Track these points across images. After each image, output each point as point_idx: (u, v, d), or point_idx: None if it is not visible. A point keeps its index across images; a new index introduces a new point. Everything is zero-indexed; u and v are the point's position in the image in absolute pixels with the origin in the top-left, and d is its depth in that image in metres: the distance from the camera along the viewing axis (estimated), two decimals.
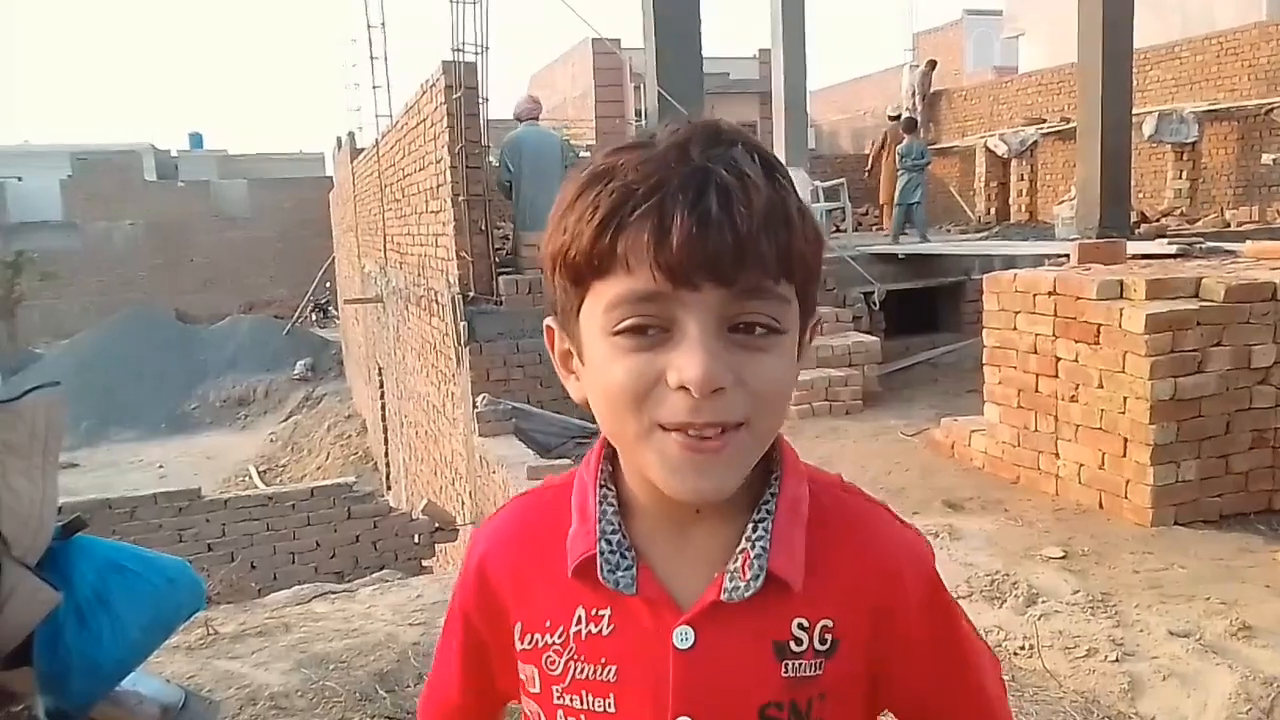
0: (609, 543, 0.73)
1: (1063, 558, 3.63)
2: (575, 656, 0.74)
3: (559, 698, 0.75)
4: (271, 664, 2.99)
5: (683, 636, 0.71)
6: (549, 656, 0.75)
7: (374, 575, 4.63)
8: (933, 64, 17.45)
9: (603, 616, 0.73)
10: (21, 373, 19.51)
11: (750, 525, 0.72)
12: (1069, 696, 2.70)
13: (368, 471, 14.88)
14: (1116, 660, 2.81)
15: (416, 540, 7.30)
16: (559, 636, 0.74)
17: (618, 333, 0.65)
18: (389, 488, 13.14)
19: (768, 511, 0.72)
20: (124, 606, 1.79)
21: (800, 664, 0.72)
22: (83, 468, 17.06)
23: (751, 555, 0.71)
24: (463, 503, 7.92)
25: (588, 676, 0.74)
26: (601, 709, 0.73)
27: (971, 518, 4.23)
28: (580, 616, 0.74)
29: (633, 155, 0.67)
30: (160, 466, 17.91)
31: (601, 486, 0.75)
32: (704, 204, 0.63)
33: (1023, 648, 2.96)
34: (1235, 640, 2.86)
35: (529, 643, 0.76)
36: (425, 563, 7.35)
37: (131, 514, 6.76)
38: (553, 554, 0.75)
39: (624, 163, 0.66)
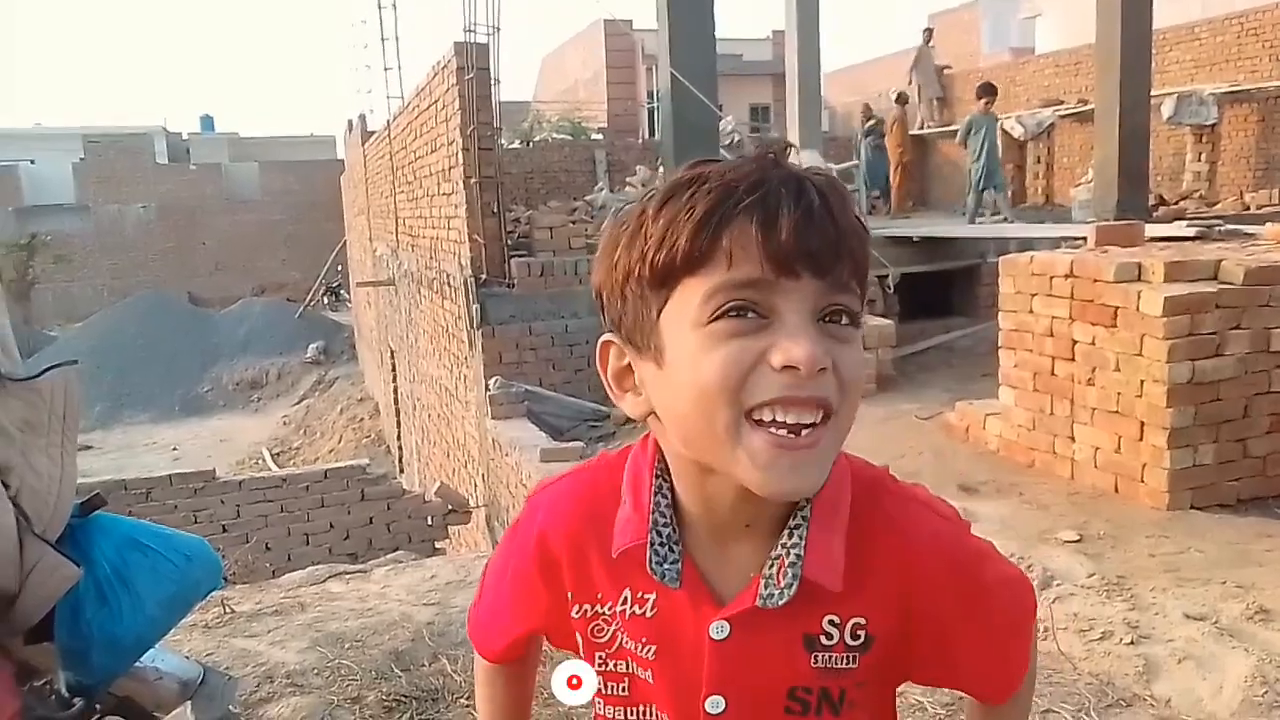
0: (659, 534, 0.76)
1: (1078, 541, 3.61)
2: (621, 629, 0.80)
3: (601, 664, 0.82)
4: (288, 642, 3.01)
5: (719, 629, 0.75)
6: (597, 625, 0.81)
7: (388, 556, 4.65)
8: (929, 33, 16.69)
9: (647, 600, 0.78)
10: (36, 355, 19.65)
11: (786, 532, 0.74)
12: (1084, 679, 2.69)
13: (380, 454, 14.95)
14: (1132, 643, 2.80)
15: (430, 523, 7.34)
16: (608, 609, 0.80)
17: (717, 318, 0.68)
18: (401, 471, 13.20)
19: (803, 518, 0.74)
20: (143, 583, 1.80)
21: (830, 656, 0.76)
22: (97, 450, 17.21)
23: (787, 563, 0.74)
24: (475, 486, 7.95)
25: (633, 649, 0.80)
26: (643, 676, 0.80)
27: (986, 501, 4.22)
28: (626, 597, 0.79)
29: (719, 165, 0.71)
30: (174, 449, 18.04)
31: (657, 478, 0.78)
32: (807, 199, 0.68)
33: (1037, 630, 2.95)
34: (1252, 624, 2.85)
35: (578, 612, 0.82)
36: (438, 545, 7.39)
37: (147, 495, 6.82)
38: (601, 534, 0.80)
39: (715, 170, 0.70)
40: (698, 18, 8.55)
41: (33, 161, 29.92)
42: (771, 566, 0.74)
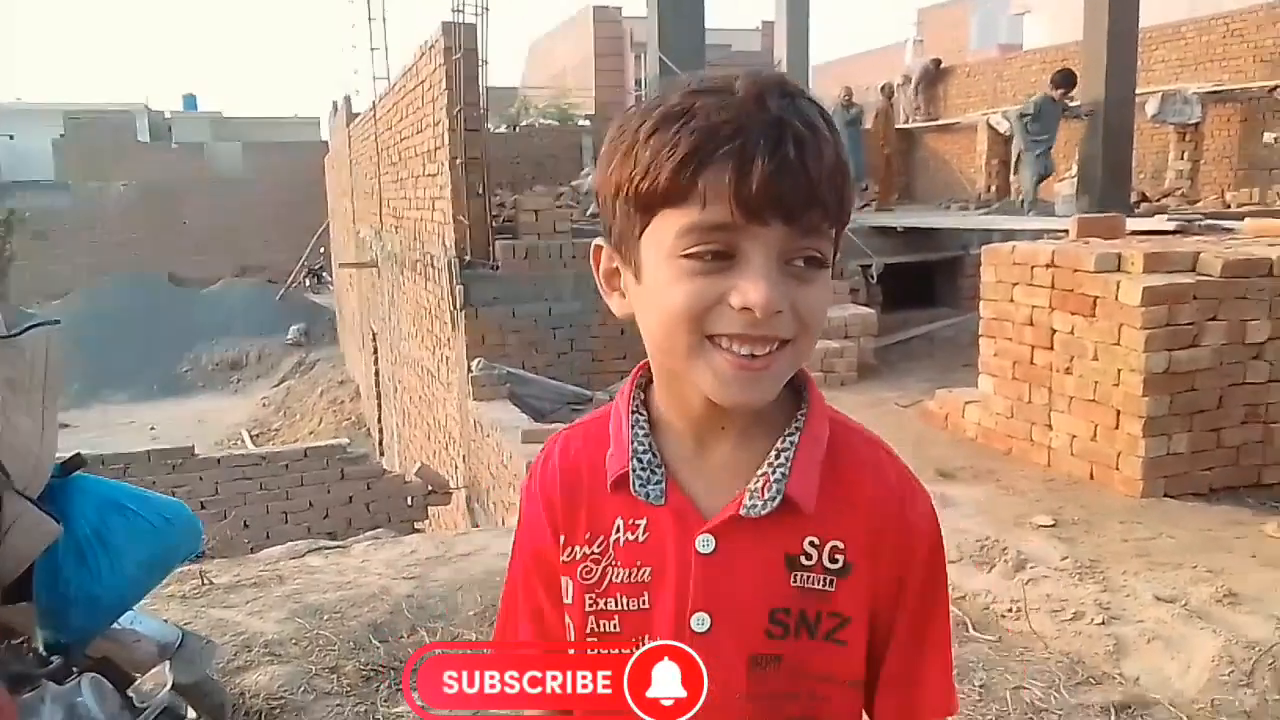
0: (640, 461, 0.82)
1: (1053, 526, 3.66)
2: (613, 562, 0.83)
3: (591, 605, 0.83)
4: (266, 613, 3.02)
5: (705, 543, 0.79)
6: (586, 567, 0.83)
7: (368, 534, 4.64)
8: (937, 63, 17.19)
9: (639, 525, 0.82)
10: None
11: (774, 453, 0.80)
12: (1054, 657, 2.74)
13: (360, 437, 14.88)
14: (1103, 623, 2.85)
15: (410, 503, 7.34)
16: (599, 546, 0.83)
17: (686, 256, 0.72)
18: (382, 454, 13.16)
19: (791, 442, 0.81)
20: (122, 544, 1.80)
21: (809, 576, 0.80)
22: (74, 428, 17.03)
23: (772, 479, 0.79)
24: (456, 467, 7.94)
25: (624, 580, 0.82)
26: (636, 607, 0.82)
27: (963, 486, 4.26)
28: (619, 526, 0.83)
29: (713, 99, 0.73)
30: (152, 429, 17.90)
31: (634, 412, 0.84)
32: (782, 150, 0.70)
33: (1010, 610, 3.00)
34: (1220, 606, 2.90)
35: (568, 555, 0.85)
36: (418, 525, 7.39)
37: (125, 471, 6.77)
38: (594, 475, 0.85)
39: (703, 105, 0.72)
40: (688, 6, 8.54)
41: (12, 137, 29.55)
42: (757, 482, 0.79)
